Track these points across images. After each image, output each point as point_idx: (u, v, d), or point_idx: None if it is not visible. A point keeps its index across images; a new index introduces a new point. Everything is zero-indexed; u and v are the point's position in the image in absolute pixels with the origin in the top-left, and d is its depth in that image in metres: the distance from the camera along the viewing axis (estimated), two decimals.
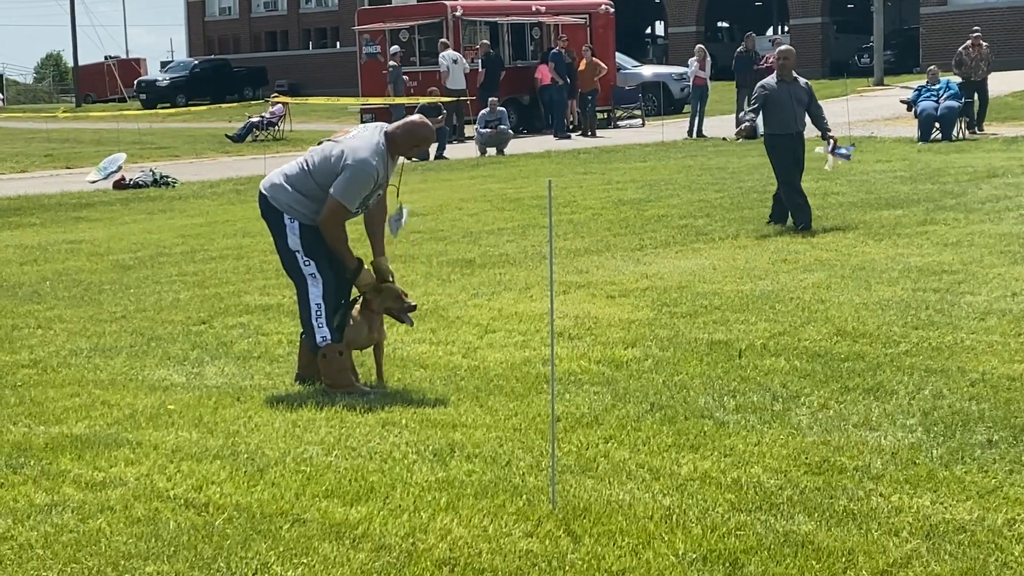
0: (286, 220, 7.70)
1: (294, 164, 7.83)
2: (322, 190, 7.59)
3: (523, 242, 13.37)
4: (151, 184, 22.44)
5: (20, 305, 10.81)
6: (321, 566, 4.89)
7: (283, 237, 7.72)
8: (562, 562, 4.84)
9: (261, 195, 7.84)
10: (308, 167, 7.69)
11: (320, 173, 7.62)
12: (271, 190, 7.75)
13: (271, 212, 7.76)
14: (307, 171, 7.68)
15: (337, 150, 7.63)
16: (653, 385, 7.34)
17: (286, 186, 7.69)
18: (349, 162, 7.53)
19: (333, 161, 7.58)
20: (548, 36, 34.84)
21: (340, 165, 7.54)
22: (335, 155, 7.60)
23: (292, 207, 7.67)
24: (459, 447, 6.29)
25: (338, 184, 7.51)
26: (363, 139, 7.71)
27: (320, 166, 7.64)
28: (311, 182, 7.64)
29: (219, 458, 6.26)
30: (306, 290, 7.71)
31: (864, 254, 11.64)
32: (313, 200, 7.64)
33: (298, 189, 7.66)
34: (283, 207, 7.69)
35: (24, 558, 5.08)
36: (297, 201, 7.66)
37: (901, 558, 4.78)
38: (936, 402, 6.79)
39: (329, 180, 7.55)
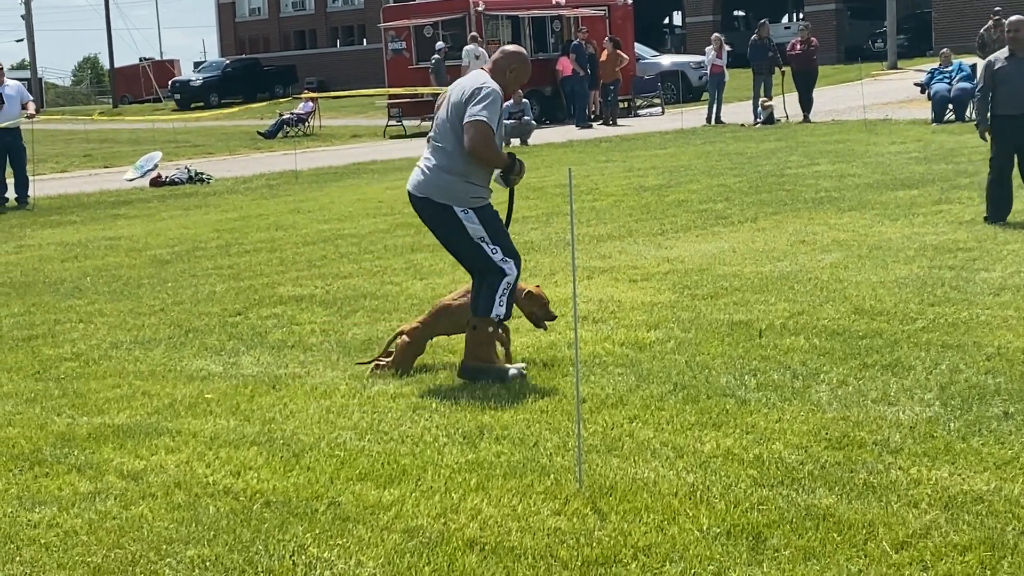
0: (459, 212, 7.27)
1: (427, 156, 7.38)
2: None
3: (547, 229, 13.35)
4: (186, 181, 22.51)
5: (62, 300, 10.85)
6: (356, 547, 4.89)
7: (461, 231, 7.29)
8: (589, 539, 4.84)
9: (419, 199, 7.36)
10: (443, 144, 7.24)
11: (457, 137, 7.16)
12: (425, 189, 7.32)
13: (439, 211, 7.30)
14: (444, 148, 7.24)
15: (451, 105, 7.23)
16: (676, 365, 7.32)
17: (440, 174, 7.26)
18: (468, 93, 7.14)
19: (456, 113, 7.16)
20: (568, 28, 34.78)
21: (464, 105, 7.12)
22: (453, 107, 7.19)
23: (457, 195, 7.25)
24: (488, 429, 6.30)
25: (471, 110, 7.06)
26: (466, 78, 7.38)
27: (451, 131, 7.21)
28: (456, 153, 7.20)
29: (256, 444, 6.28)
30: (500, 275, 7.37)
31: (880, 234, 11.59)
32: (468, 173, 7.23)
33: (450, 169, 7.24)
34: (450, 199, 7.26)
35: (69, 544, 5.11)
36: (457, 184, 7.24)
37: (920, 529, 4.76)
38: (953, 376, 6.75)
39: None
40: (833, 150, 19.91)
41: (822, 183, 15.67)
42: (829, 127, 24.97)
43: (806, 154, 19.56)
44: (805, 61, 27.34)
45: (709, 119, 29.09)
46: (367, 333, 8.76)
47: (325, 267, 11.79)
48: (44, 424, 6.90)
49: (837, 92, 34.40)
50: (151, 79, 63.51)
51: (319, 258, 12.37)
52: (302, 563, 4.77)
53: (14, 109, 19.63)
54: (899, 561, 4.51)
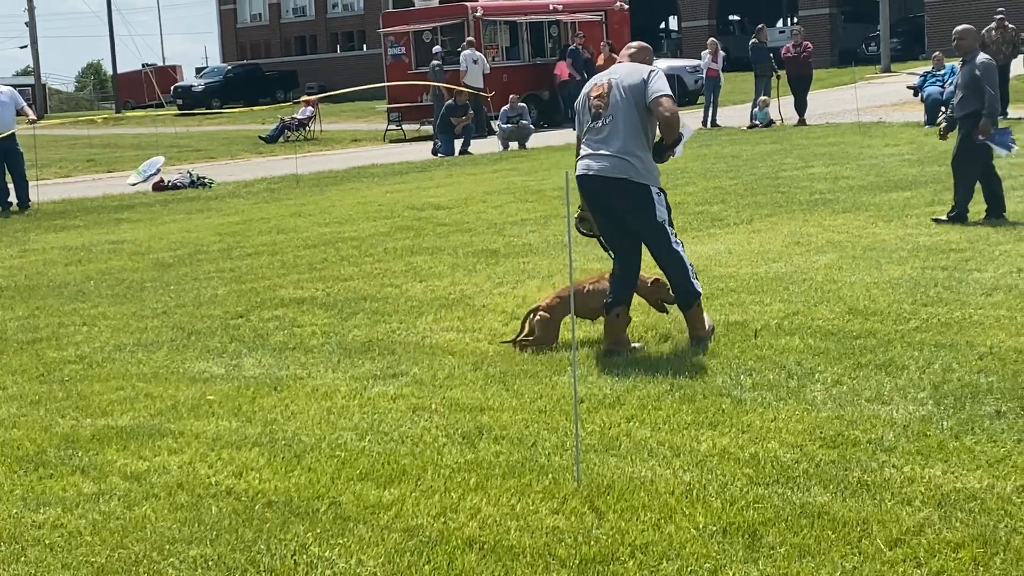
0: (653, 193, 7.69)
1: (606, 144, 7.69)
2: (652, 131, 7.70)
3: (545, 232, 13.36)
4: (189, 185, 22.49)
5: (66, 304, 10.86)
6: (357, 546, 4.90)
7: (651, 212, 7.70)
8: (587, 537, 4.85)
9: (616, 180, 7.66)
10: (625, 128, 7.62)
11: (642, 118, 7.62)
12: (623, 170, 7.63)
13: (636, 190, 7.66)
14: (629, 131, 7.62)
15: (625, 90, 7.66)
16: (672, 366, 7.33)
17: (637, 157, 7.64)
18: (646, 73, 7.67)
19: (635, 95, 7.63)
20: (565, 33, 34.79)
21: (645, 84, 7.61)
22: (630, 91, 7.64)
23: (653, 174, 7.71)
24: (487, 429, 6.30)
25: (652, 87, 7.59)
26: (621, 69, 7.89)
27: (636, 114, 7.62)
28: (642, 133, 7.65)
29: (258, 445, 6.28)
30: (679, 257, 7.83)
31: (874, 235, 11.60)
32: (648, 152, 7.72)
33: (639, 151, 7.65)
34: (648, 179, 7.67)
35: (74, 544, 5.11)
36: (650, 164, 7.70)
37: (914, 526, 4.77)
38: (946, 375, 6.76)
39: (646, 112, 7.61)
40: (827, 152, 19.91)
41: (817, 185, 15.67)
42: (823, 130, 24.97)
43: (801, 157, 19.56)
44: (799, 65, 27.33)
45: (705, 122, 29.08)
46: (367, 335, 8.76)
47: (326, 270, 11.79)
48: (48, 426, 6.91)
49: (831, 95, 34.40)
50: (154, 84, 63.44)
51: (320, 261, 12.38)
52: (303, 562, 4.78)
53: (8, 115, 19.60)
54: (893, 558, 4.52)
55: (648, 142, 7.73)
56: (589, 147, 7.82)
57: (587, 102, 7.93)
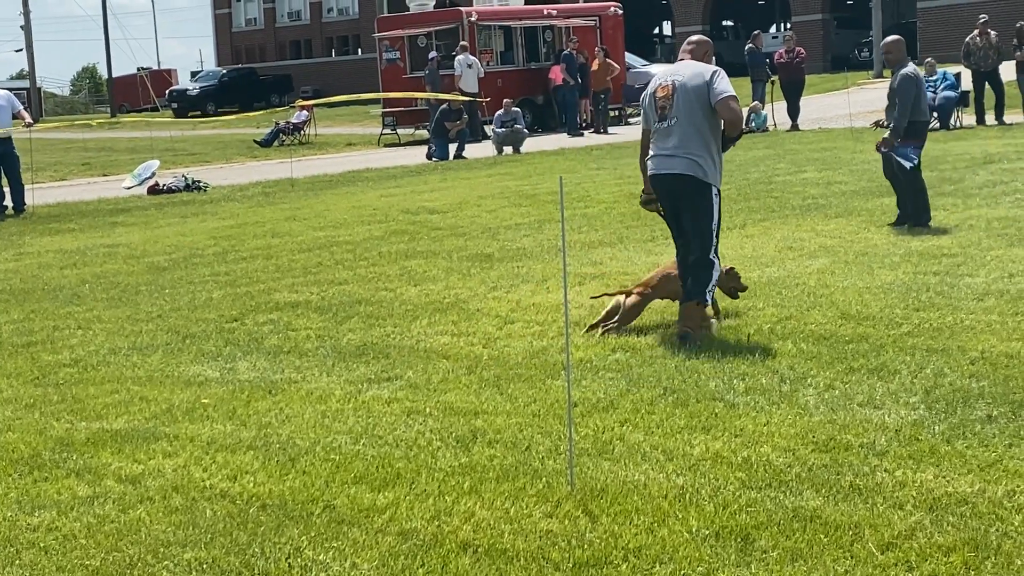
0: (713, 194, 8.08)
1: (674, 144, 8.06)
2: (717, 129, 8.05)
3: (539, 236, 13.36)
4: (184, 189, 22.46)
5: (61, 307, 10.85)
6: (351, 549, 4.90)
7: (708, 214, 8.08)
8: (581, 541, 4.85)
9: (685, 176, 8.05)
10: (691, 128, 7.99)
11: (706, 118, 7.98)
12: (692, 168, 8.02)
13: (700, 188, 8.05)
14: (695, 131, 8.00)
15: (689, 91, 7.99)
16: (666, 370, 7.34)
17: (702, 156, 8.01)
18: (708, 74, 8.00)
19: (699, 96, 7.97)
20: (560, 38, 34.81)
21: (708, 85, 7.95)
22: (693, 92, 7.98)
23: (715, 175, 8.09)
24: (481, 433, 6.30)
25: (717, 88, 7.93)
26: (683, 67, 8.22)
27: (701, 115, 7.98)
28: (708, 133, 8.02)
29: (252, 449, 6.28)
30: (711, 267, 8.12)
31: (866, 240, 11.61)
32: (715, 151, 8.09)
33: (708, 150, 8.03)
34: (711, 179, 8.06)
35: (68, 547, 5.11)
36: (715, 164, 8.08)
37: (905, 530, 4.78)
38: (937, 380, 6.77)
39: (712, 113, 7.98)
40: (820, 158, 19.93)
41: (809, 190, 15.69)
42: (816, 135, 25.00)
43: (794, 162, 19.58)
44: (792, 70, 27.38)
45: None
46: (362, 339, 8.76)
47: (320, 274, 11.79)
48: (43, 429, 6.90)
49: (824, 101, 34.46)
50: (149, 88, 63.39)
51: (315, 265, 12.37)
52: (298, 565, 4.78)
53: (5, 118, 19.59)
54: (884, 562, 4.53)
55: (712, 140, 8.07)
56: (657, 147, 8.23)
57: (653, 102, 8.26)
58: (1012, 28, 25.28)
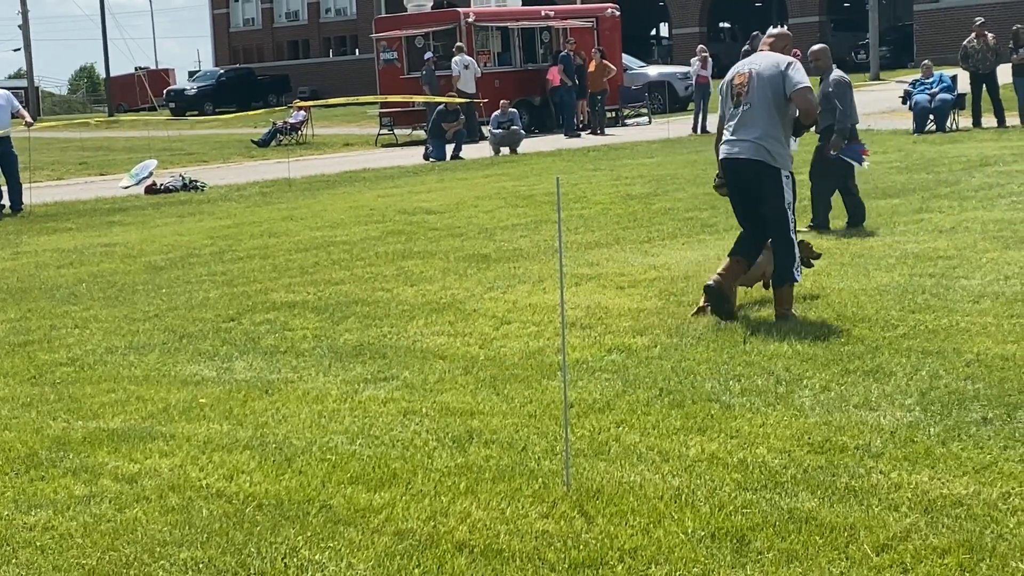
0: (783, 176, 8.42)
1: (745, 130, 8.42)
2: (789, 117, 8.39)
3: (536, 237, 13.36)
4: (181, 188, 22.45)
5: (58, 306, 10.84)
6: (347, 549, 4.89)
7: (779, 196, 8.41)
8: (576, 541, 4.85)
9: (753, 161, 8.40)
10: (763, 116, 8.34)
11: (778, 107, 8.33)
12: (760, 153, 8.37)
13: (769, 173, 8.39)
14: (767, 119, 8.35)
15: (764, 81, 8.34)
16: (662, 371, 7.33)
17: (771, 142, 8.35)
18: (784, 65, 8.34)
19: (773, 86, 8.31)
20: (557, 39, 34.81)
21: (783, 76, 8.30)
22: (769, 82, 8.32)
23: (786, 159, 8.45)
24: (477, 434, 6.30)
25: (793, 79, 8.28)
26: (760, 59, 8.56)
27: (774, 103, 8.33)
28: (779, 121, 8.37)
29: (248, 448, 6.27)
30: (791, 245, 8.51)
31: (862, 242, 11.62)
32: (786, 138, 8.47)
33: (777, 137, 8.37)
34: (780, 164, 8.40)
35: (64, 547, 5.10)
36: (785, 150, 8.44)
37: (901, 532, 4.77)
38: (933, 382, 6.77)
39: (785, 102, 8.33)
40: None
41: (805, 191, 15.62)
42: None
43: None
44: None
45: (695, 129, 29.14)
46: (358, 339, 8.76)
47: (317, 273, 11.78)
48: (40, 428, 6.89)
49: None
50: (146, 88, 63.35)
51: (311, 265, 12.37)
52: (294, 565, 4.77)
53: (4, 118, 19.58)
54: (880, 564, 4.53)
55: (784, 128, 8.41)
56: (730, 132, 8.58)
57: (730, 89, 8.63)
58: (1008, 31, 25.28)
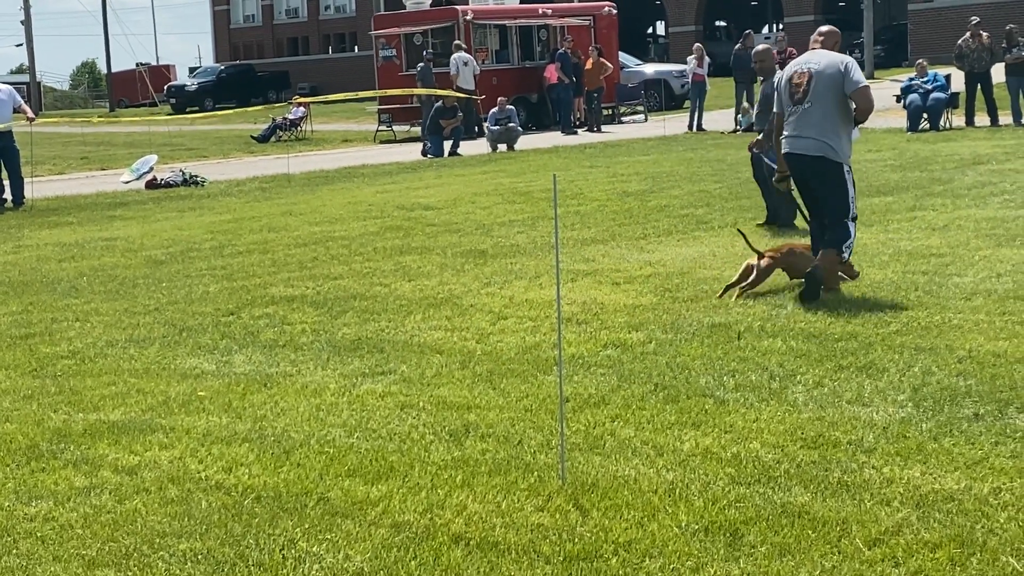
0: (845, 170, 8.89)
1: (806, 127, 8.87)
2: (847, 113, 8.82)
3: (532, 233, 13.36)
4: (181, 183, 22.45)
5: (59, 299, 10.83)
6: (344, 541, 4.90)
7: (842, 187, 8.88)
8: (571, 534, 4.85)
9: (815, 158, 8.85)
10: (823, 113, 8.77)
11: (838, 105, 8.77)
12: (821, 150, 8.82)
13: (830, 168, 8.84)
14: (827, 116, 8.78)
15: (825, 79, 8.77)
16: (657, 366, 7.34)
17: (834, 138, 8.79)
18: (843, 65, 8.77)
19: (834, 85, 8.73)
20: (554, 37, 34.78)
21: (843, 75, 8.73)
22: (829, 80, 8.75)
23: (846, 153, 8.88)
24: (473, 427, 6.30)
25: (853, 78, 8.70)
26: (818, 56, 9.00)
27: (834, 102, 8.76)
28: (840, 118, 8.80)
29: (247, 441, 6.28)
30: (847, 229, 8.94)
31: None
32: (846, 134, 8.88)
33: (837, 133, 8.79)
34: (841, 158, 8.84)
35: (65, 537, 5.11)
36: (846, 145, 8.86)
37: (893, 526, 4.78)
38: (925, 378, 6.78)
39: (844, 99, 8.76)
40: None
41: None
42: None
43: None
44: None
45: (691, 126, 29.15)
46: (357, 333, 8.76)
47: (316, 268, 11.78)
48: (41, 420, 6.89)
49: None
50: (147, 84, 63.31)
51: (310, 260, 12.36)
52: (292, 557, 4.78)
53: (6, 112, 19.58)
54: (871, 558, 4.53)
55: (842, 123, 8.84)
56: (791, 129, 9.05)
57: (788, 87, 9.09)
58: (1000, 30, 25.28)
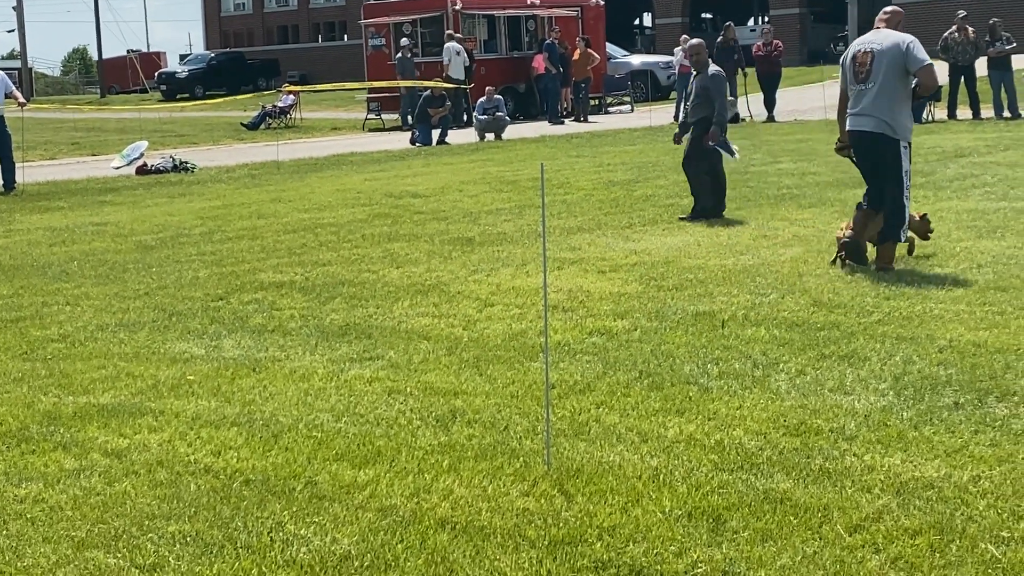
0: (902, 147, 9.25)
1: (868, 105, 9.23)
2: (907, 91, 9.22)
3: (519, 221, 13.35)
4: (171, 169, 22.38)
5: (49, 284, 10.80)
6: (332, 525, 4.90)
7: (898, 164, 9.24)
8: (556, 519, 4.86)
9: (874, 134, 9.25)
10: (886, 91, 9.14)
11: (900, 83, 9.15)
12: (880, 127, 9.22)
13: (887, 146, 9.24)
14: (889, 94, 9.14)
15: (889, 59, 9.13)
16: (641, 354, 7.34)
17: (892, 115, 9.18)
18: (906, 44, 9.15)
19: (898, 64, 9.10)
20: (542, 28, 34.75)
21: (906, 54, 9.10)
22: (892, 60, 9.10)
23: (906, 131, 9.29)
24: (460, 413, 6.30)
25: (917, 56, 9.08)
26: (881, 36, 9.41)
27: (896, 80, 9.14)
28: (902, 96, 9.21)
29: (236, 425, 6.27)
30: (903, 207, 9.35)
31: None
32: (907, 112, 9.34)
33: (901, 109, 9.20)
34: (900, 135, 9.24)
35: (55, 519, 5.09)
36: (906, 122, 9.29)
37: (873, 513, 4.79)
38: (906, 367, 6.79)
39: (905, 78, 9.15)
40: (795, 149, 19.97)
41: (784, 180, 15.72)
42: (791, 127, 25.06)
43: (769, 152, 19.61)
44: (769, 63, 27.40)
45: (677, 117, 29.12)
46: (345, 319, 8.75)
47: (305, 255, 11.76)
48: (31, 403, 6.87)
49: (800, 93, 34.47)
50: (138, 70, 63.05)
51: (299, 246, 12.34)
52: (279, 539, 4.77)
53: None
54: (852, 544, 4.55)
55: (903, 101, 9.25)
56: (855, 107, 9.43)
57: (853, 66, 9.46)
58: (983, 24, 25.30)
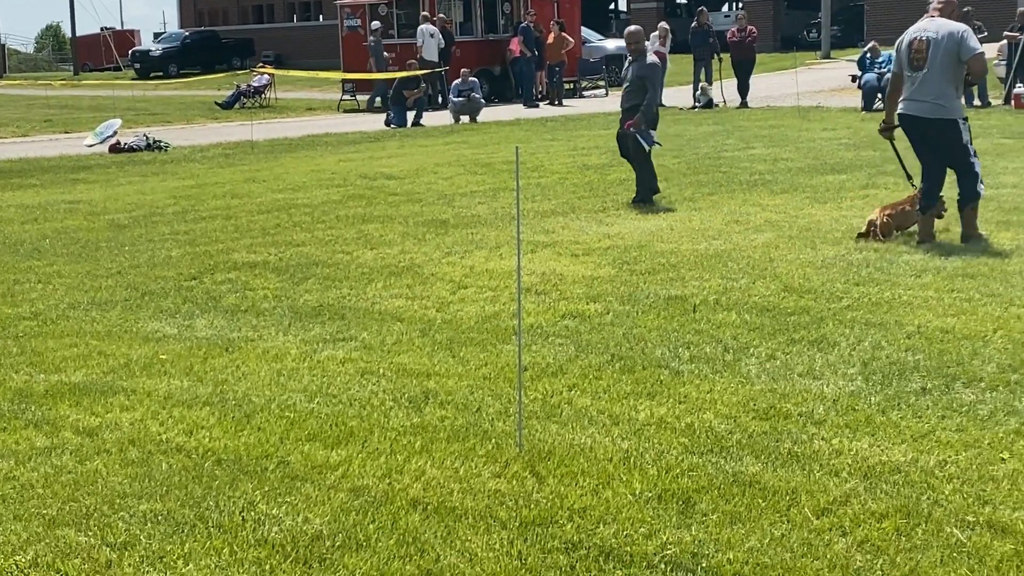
0: (960, 124, 9.71)
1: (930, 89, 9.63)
2: (960, 76, 9.67)
3: (494, 204, 13.34)
4: (145, 148, 22.25)
5: (21, 261, 10.74)
6: (304, 504, 4.90)
7: (959, 140, 9.71)
8: (527, 500, 4.87)
9: (930, 120, 9.65)
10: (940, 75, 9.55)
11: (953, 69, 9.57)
12: (935, 112, 9.64)
13: (946, 126, 9.66)
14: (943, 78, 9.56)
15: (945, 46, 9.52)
16: (613, 337, 7.36)
17: (946, 99, 9.61)
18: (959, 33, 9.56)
19: (951, 52, 9.51)
20: (518, 11, 34.65)
21: (959, 43, 9.51)
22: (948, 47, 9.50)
23: (959, 111, 9.75)
24: (433, 394, 6.31)
25: (970, 45, 9.49)
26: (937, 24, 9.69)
27: (950, 67, 9.55)
28: (954, 80, 9.61)
29: (208, 405, 6.26)
30: (974, 170, 9.83)
31: (810, 216, 11.67)
32: (959, 93, 9.83)
33: (952, 94, 9.63)
34: (956, 115, 9.69)
35: (26, 496, 5.08)
36: (958, 103, 9.75)
37: (840, 496, 4.83)
38: (875, 353, 6.83)
39: (958, 64, 9.55)
40: (768, 135, 20.00)
41: (756, 166, 15.75)
42: (764, 113, 25.10)
43: (742, 138, 19.64)
44: (743, 49, 27.41)
45: None
46: (318, 300, 8.74)
47: (279, 235, 11.73)
48: (2, 380, 6.85)
49: (773, 79, 34.51)
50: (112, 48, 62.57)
51: (273, 226, 12.31)
52: (251, 519, 4.77)
53: None
54: (820, 527, 4.58)
55: (956, 84, 9.70)
56: (909, 92, 9.82)
57: (909, 52, 9.84)
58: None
